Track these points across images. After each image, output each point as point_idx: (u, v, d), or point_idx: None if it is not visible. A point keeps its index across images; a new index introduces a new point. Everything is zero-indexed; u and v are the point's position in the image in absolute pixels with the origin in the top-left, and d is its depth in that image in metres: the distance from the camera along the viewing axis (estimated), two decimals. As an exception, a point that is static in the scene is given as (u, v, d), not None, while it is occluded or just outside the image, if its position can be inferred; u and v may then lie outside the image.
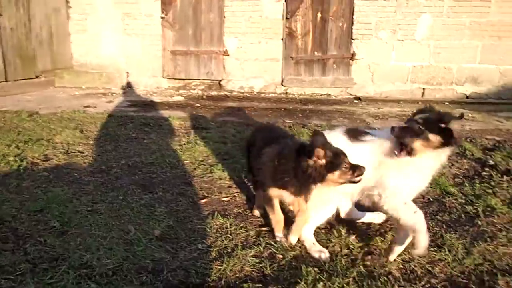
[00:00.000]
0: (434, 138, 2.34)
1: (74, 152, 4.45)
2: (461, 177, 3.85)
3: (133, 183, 3.58)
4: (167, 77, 9.41)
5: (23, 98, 7.94)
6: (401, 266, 2.42)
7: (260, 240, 2.68)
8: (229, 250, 2.57)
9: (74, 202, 3.14)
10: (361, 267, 2.37)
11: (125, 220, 2.92)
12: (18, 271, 2.27)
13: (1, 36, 9.76)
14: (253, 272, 2.35)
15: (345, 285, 2.18)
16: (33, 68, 10.74)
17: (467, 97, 8.82)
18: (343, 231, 2.77)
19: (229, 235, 2.74)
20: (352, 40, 8.83)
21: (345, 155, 2.40)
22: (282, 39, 8.99)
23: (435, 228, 2.88)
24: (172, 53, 9.26)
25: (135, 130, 5.41)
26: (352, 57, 8.87)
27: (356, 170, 2.39)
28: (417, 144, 2.36)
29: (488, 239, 2.72)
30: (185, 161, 4.18)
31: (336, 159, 2.37)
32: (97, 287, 2.14)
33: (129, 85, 9.37)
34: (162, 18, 9.13)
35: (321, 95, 9.11)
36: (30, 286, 2.14)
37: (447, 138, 2.33)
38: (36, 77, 10.75)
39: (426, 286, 2.23)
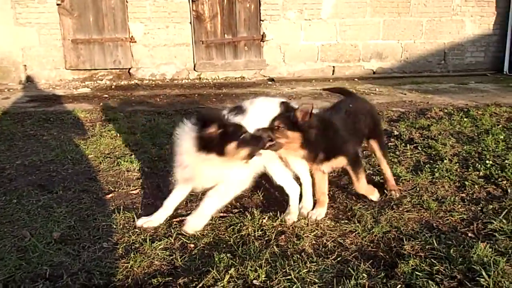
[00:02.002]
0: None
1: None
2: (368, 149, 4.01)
3: (30, 184, 3.28)
4: (71, 68, 8.78)
5: None
6: (314, 242, 2.44)
7: (171, 231, 2.57)
8: (137, 245, 2.43)
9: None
10: (275, 247, 2.36)
11: (19, 225, 2.65)
12: None
13: None
14: (162, 266, 2.24)
15: (257, 268, 2.15)
16: None
17: (374, 73, 9.28)
18: (257, 213, 2.74)
19: (137, 230, 2.60)
20: (261, 21, 8.85)
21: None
22: (190, 23, 8.77)
23: (345, 201, 2.97)
24: (73, 42, 8.64)
25: (33, 126, 4.97)
26: (262, 38, 8.90)
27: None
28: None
29: (394, 207, 2.85)
30: (89, 156, 3.91)
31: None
32: (-17, 304, 1.92)
33: (28, 79, 8.61)
34: (58, 5, 8.43)
35: (235, 78, 9.08)
36: None
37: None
38: None
39: (338, 259, 2.26)
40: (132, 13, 8.63)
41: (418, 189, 3.14)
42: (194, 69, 9.03)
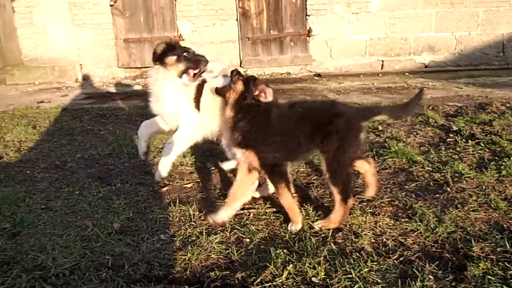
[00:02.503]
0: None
1: (26, 149, 4.21)
2: (427, 145, 3.87)
3: (90, 177, 3.41)
4: (123, 67, 9.07)
5: (-29, 98, 7.48)
6: (373, 241, 2.37)
7: (225, 225, 2.59)
8: (194, 238, 2.46)
9: (27, 201, 2.96)
10: (332, 245, 2.31)
11: (82, 215, 2.76)
12: (-34, 279, 2.10)
13: None
14: (219, 259, 2.26)
15: (316, 265, 2.11)
16: (-20, 66, 10.13)
17: (426, 66, 8.96)
18: (311, 210, 2.71)
19: (193, 223, 2.64)
20: (308, 16, 8.75)
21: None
22: (237, 20, 8.81)
23: (405, 199, 2.84)
24: (125, 42, 8.91)
25: (90, 122, 5.18)
26: (309, 33, 8.80)
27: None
28: None
29: (458, 206, 2.71)
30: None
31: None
32: (53, 289, 2.00)
33: (84, 78, 8.98)
34: (111, 5, 8.73)
35: (281, 74, 9.04)
36: (-22, 294, 1.98)
37: None
38: (-16, 75, 10.16)
39: (400, 259, 2.18)
40: (180, 12, 8.78)
41: (484, 187, 2.95)
42: (240, 66, 9.06)
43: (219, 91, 2.64)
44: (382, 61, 8.93)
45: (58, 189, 3.20)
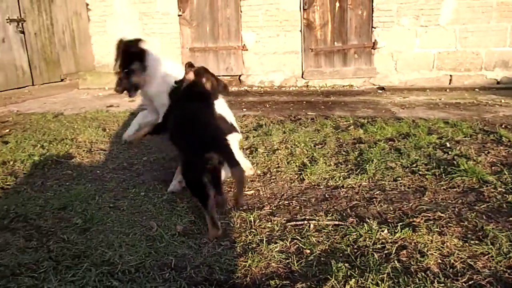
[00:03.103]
0: None
1: (97, 150, 4.45)
2: (499, 165, 3.65)
3: (155, 179, 3.54)
4: (187, 75, 9.37)
5: (49, 101, 8.05)
6: (440, 261, 2.26)
7: (286, 235, 2.58)
8: (254, 245, 2.47)
9: (97, 199, 3.12)
10: (396, 262, 2.23)
11: (147, 216, 2.86)
12: (41, 269, 2.24)
13: (26, 41, 9.94)
14: (279, 268, 2.25)
15: (379, 282, 2.05)
16: (58, 71, 10.93)
17: (498, 83, 8.49)
18: (374, 224, 2.64)
19: (253, 230, 2.65)
20: (373, 28, 8.61)
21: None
22: (300, 31, 8.85)
23: (475, 220, 2.68)
24: (190, 51, 9.22)
25: (156, 127, 5.37)
26: (374, 45, 8.65)
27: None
28: None
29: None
30: (207, 156, 4.10)
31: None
32: (119, 285, 2.09)
33: (149, 84, 9.37)
34: (179, 15, 9.10)
35: (343, 86, 8.94)
36: (52, 283, 2.10)
37: None
38: (61, 80, 10.94)
39: (469, 282, 2.06)
40: (245, 23, 8.96)
41: None
42: (302, 77, 9.08)
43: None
44: (451, 75, 8.57)
45: (125, 189, 3.34)
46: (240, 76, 9.28)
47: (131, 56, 3.20)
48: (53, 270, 2.22)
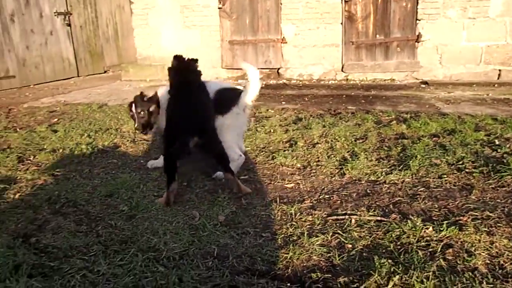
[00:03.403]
0: None
1: (140, 140, 4.57)
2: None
3: (196, 170, 3.60)
4: (226, 67, 9.45)
5: (93, 91, 8.32)
6: (488, 262, 2.18)
7: (327, 229, 2.57)
8: (295, 238, 2.48)
9: (141, 188, 3.21)
10: (441, 260, 2.18)
11: (190, 205, 2.92)
12: (91, 252, 2.34)
13: (72, 33, 10.29)
14: (321, 262, 2.25)
15: (424, 280, 2.01)
16: (101, 63, 11.27)
17: (549, 78, 8.08)
18: (418, 222, 2.58)
19: (294, 223, 2.66)
20: (418, 21, 8.36)
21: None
22: (341, 24, 8.71)
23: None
24: (230, 43, 9.27)
25: (196, 119, 5.46)
26: (418, 38, 8.40)
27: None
28: None
29: None
30: (246, 148, 4.13)
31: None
32: (164, 270, 2.14)
33: (192, 77, 9.50)
34: (219, 8, 9.15)
35: (385, 80, 8.75)
36: (102, 266, 2.19)
37: None
38: (105, 71, 11.27)
39: (521, 284, 2.00)
40: (285, 15, 8.91)
41: None
42: (342, 70, 8.95)
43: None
44: (500, 70, 8.21)
45: (168, 179, 3.42)
46: (278, 69, 9.25)
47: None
48: (102, 254, 2.31)
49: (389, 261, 2.18)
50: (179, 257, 2.29)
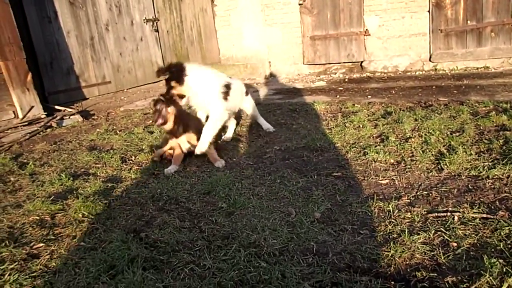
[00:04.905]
0: None
1: (230, 140, 4.72)
2: None
3: (288, 167, 3.66)
4: (308, 63, 9.44)
5: (180, 93, 8.71)
6: None
7: (428, 226, 2.50)
8: (395, 235, 2.44)
9: (237, 185, 3.32)
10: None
11: (285, 202, 2.98)
12: (196, 247, 2.48)
13: (159, 39, 10.89)
14: (425, 260, 2.19)
15: (542, 281, 1.89)
16: (186, 65, 11.74)
17: None
18: (528, 218, 2.42)
19: (392, 220, 2.61)
20: (516, 3, 7.71)
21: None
22: (428, 11, 8.29)
23: None
24: (311, 39, 9.24)
25: (283, 116, 5.53)
26: (516, 22, 7.75)
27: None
28: None
29: None
30: (336, 144, 4.12)
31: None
32: (267, 266, 2.22)
33: (271, 74, 9.64)
34: (300, 4, 9.15)
35: (477, 68, 8.19)
36: (208, 261, 2.32)
37: None
38: (190, 73, 11.75)
39: None
40: (367, 7, 8.69)
41: None
42: (430, 60, 8.53)
43: None
44: None
45: (261, 176, 3.52)
46: (362, 62, 9.04)
47: None
48: (206, 249, 2.45)
49: (500, 261, 2.07)
50: (279, 253, 2.35)
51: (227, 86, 4.19)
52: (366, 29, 8.77)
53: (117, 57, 9.86)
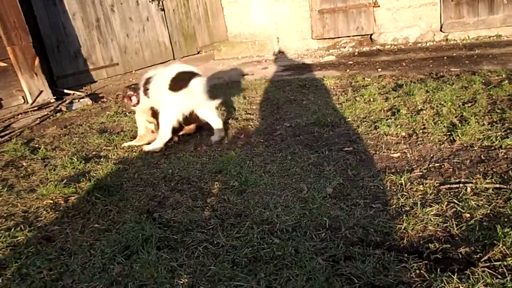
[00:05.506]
0: None
1: (245, 118, 4.70)
2: None
3: (299, 144, 3.65)
4: (316, 38, 9.29)
5: (189, 72, 8.68)
6: None
7: (440, 198, 2.49)
8: (407, 208, 2.44)
9: (248, 163, 3.33)
10: None
11: (296, 179, 2.99)
12: (209, 225, 2.51)
13: (166, 18, 10.80)
14: (437, 232, 2.19)
15: (556, 249, 1.88)
16: (194, 44, 11.70)
17: None
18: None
19: (404, 193, 2.61)
20: (531, -35, 7.44)
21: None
22: (440, -21, 8.06)
23: None
24: (319, 13, 9.07)
25: (292, 92, 5.49)
26: (531, -14, 7.50)
27: None
28: None
29: None
30: (347, 119, 4.09)
31: None
32: (280, 242, 2.24)
33: (280, 51, 9.52)
34: (307, -23, 8.95)
35: (489, 37, 7.98)
36: (221, 239, 2.35)
37: None
38: (198, 52, 11.70)
39: None
40: (376, -23, 8.46)
41: None
42: (441, 30, 8.32)
43: None
44: None
45: (272, 153, 3.52)
46: (371, 35, 8.87)
47: None
48: (219, 227, 2.48)
49: (514, 230, 2.06)
50: (292, 229, 2.37)
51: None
52: (376, 1, 8.57)
53: (124, 38, 9.82)
